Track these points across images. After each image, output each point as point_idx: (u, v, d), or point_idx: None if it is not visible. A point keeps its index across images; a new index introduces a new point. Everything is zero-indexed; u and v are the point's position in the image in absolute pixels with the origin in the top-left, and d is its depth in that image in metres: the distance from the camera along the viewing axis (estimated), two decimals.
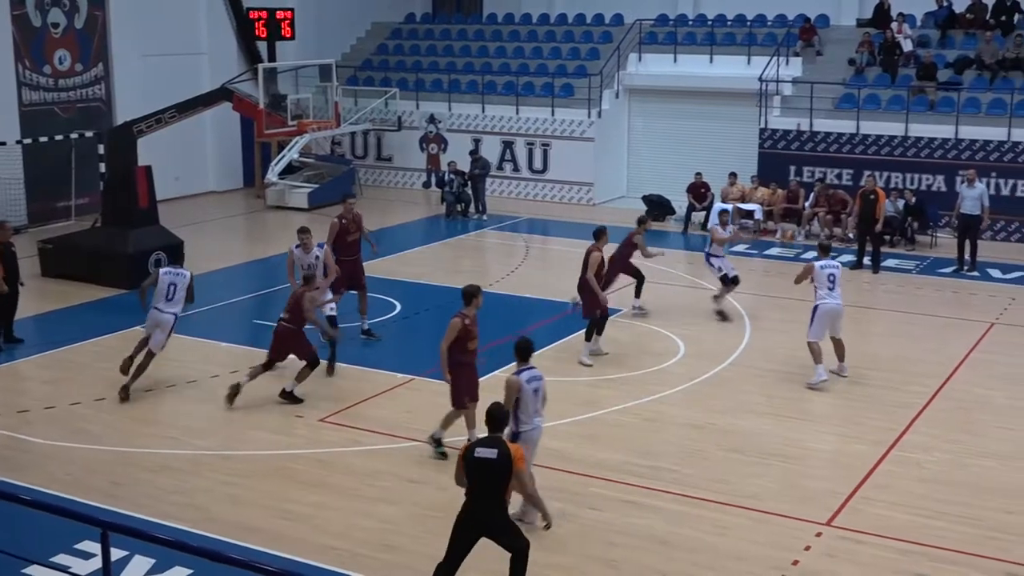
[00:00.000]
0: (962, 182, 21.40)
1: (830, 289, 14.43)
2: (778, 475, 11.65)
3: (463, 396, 11.79)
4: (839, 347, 14.70)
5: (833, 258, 15.01)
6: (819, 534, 10.29)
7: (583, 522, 10.57)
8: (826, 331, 14.51)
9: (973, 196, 20.77)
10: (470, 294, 11.76)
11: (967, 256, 20.78)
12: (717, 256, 17.71)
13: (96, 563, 8.96)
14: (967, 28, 26.48)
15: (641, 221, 17.45)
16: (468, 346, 11.76)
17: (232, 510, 10.83)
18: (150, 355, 14.04)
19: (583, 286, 15.68)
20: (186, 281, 14.25)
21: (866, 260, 20.76)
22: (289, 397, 13.57)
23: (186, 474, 11.70)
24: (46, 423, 13.09)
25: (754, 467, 11.92)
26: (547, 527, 9.57)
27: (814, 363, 14.35)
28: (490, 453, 8.40)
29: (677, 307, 18.24)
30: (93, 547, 9.36)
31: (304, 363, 13.53)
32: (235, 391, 13.52)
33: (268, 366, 13.65)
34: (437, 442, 12.07)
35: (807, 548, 10.02)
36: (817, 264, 14.56)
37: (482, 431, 8.91)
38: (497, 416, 8.80)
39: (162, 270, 14.51)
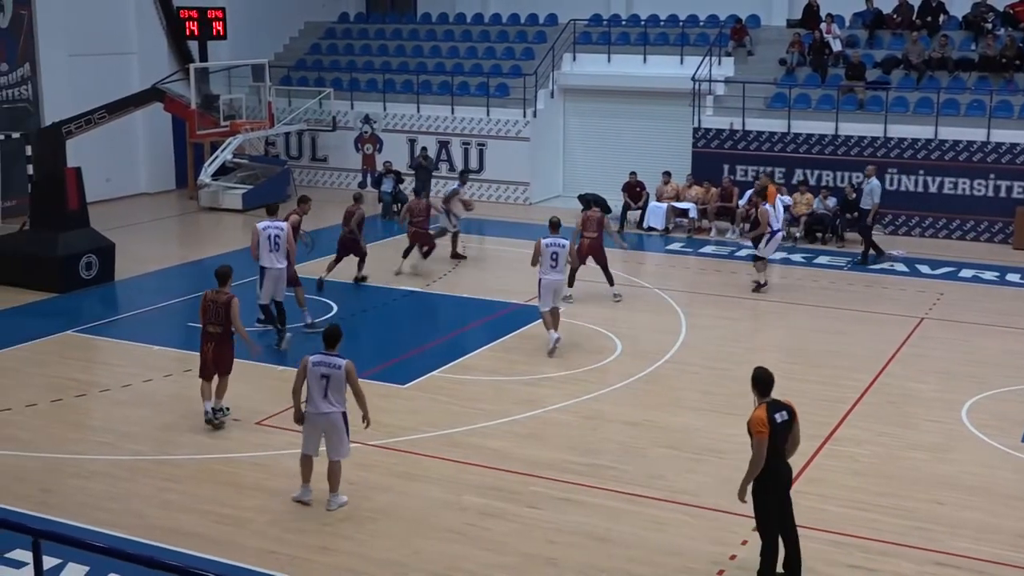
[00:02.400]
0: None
1: (552, 266, 15.53)
2: (714, 471, 11.76)
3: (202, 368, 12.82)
4: (555, 315, 15.75)
5: (560, 237, 15.89)
6: (755, 528, 10.41)
7: (523, 521, 10.60)
8: (551, 302, 15.60)
9: (865, 192, 21.50)
10: (223, 275, 12.78)
11: (871, 249, 21.54)
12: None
13: (28, 572, 8.82)
14: (894, 29, 26.96)
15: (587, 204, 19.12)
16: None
17: (168, 516, 10.69)
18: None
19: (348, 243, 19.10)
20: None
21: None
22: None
23: (121, 480, 11.54)
24: None
25: (691, 463, 12.04)
26: None
27: (546, 329, 15.61)
28: (785, 416, 9.13)
29: (614, 305, 18.35)
30: (25, 556, 9.19)
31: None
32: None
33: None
34: (220, 411, 12.88)
35: (744, 543, 10.13)
36: (543, 241, 15.60)
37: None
38: (765, 379, 9.25)
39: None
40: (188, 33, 28.82)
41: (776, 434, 9.06)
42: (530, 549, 10.06)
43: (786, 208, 23.33)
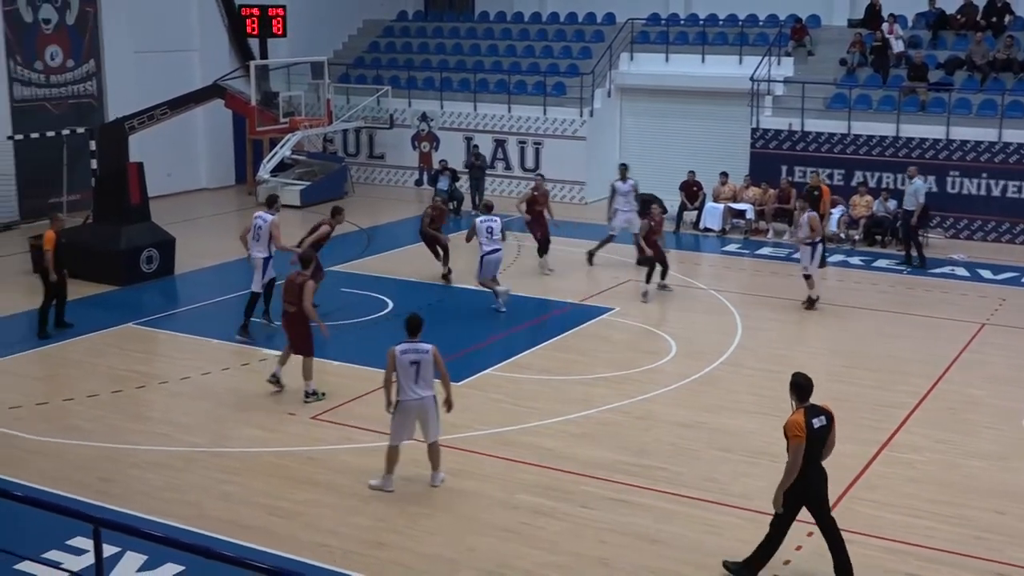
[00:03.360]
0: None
1: (488, 238, 17.44)
2: (768, 474, 11.60)
3: None
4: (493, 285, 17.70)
5: (494, 215, 17.91)
6: (810, 534, 10.28)
7: (575, 520, 10.59)
8: (493, 272, 17.59)
9: (909, 192, 21.29)
10: (307, 260, 14.02)
11: (913, 251, 21.24)
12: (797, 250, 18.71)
13: (88, 559, 8.97)
14: (958, 29, 26.56)
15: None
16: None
17: (224, 507, 10.82)
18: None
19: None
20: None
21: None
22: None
23: (178, 471, 11.70)
24: (37, 419, 13.07)
25: (744, 466, 11.95)
26: None
27: (495, 294, 17.65)
28: (823, 421, 9.13)
29: (670, 306, 18.27)
30: (85, 543, 9.37)
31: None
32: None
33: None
34: (313, 395, 13.66)
35: (798, 548, 10.03)
36: (478, 220, 17.71)
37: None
38: (805, 385, 9.25)
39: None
40: (249, 31, 29.17)
41: (813, 439, 9.05)
42: (582, 549, 10.05)
43: (844, 212, 23.18)
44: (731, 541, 10.19)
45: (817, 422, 9.09)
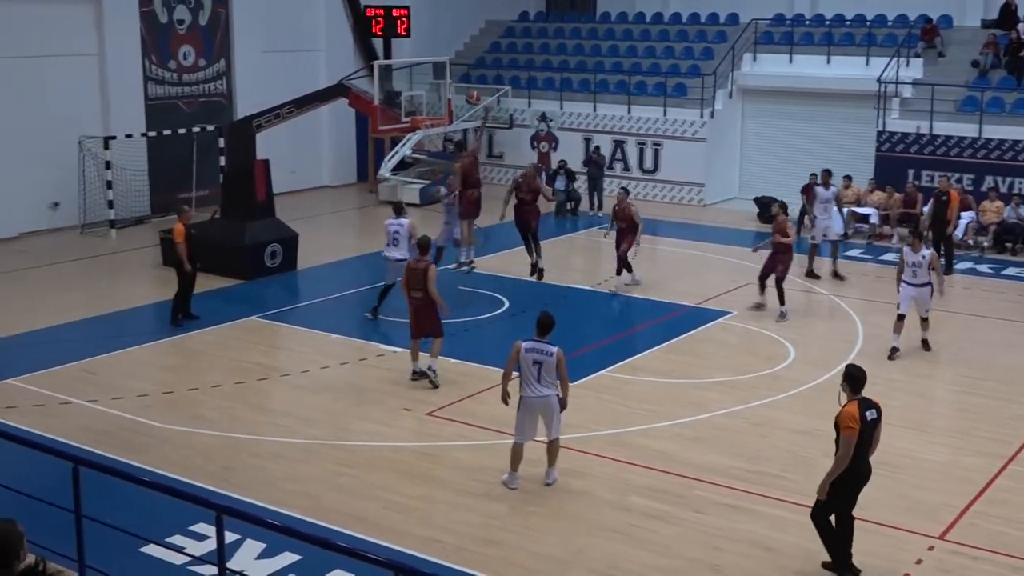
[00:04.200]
0: None
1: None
2: (889, 485, 11.37)
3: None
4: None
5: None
6: (931, 548, 10.06)
7: (687, 525, 10.51)
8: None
9: None
10: (425, 245, 14.32)
11: None
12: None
13: (209, 545, 9.21)
14: None
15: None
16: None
17: (340, 499, 11.02)
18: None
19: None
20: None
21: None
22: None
23: (297, 462, 11.96)
24: (164, 408, 13.51)
25: None
26: None
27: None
28: (874, 414, 9.27)
29: (788, 311, 17.93)
30: (207, 529, 9.64)
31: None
32: None
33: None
34: (430, 371, 14.06)
35: (919, 562, 9.79)
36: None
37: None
38: (859, 376, 9.35)
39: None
40: (373, 31, 29.67)
41: (864, 432, 9.11)
42: (694, 554, 9.96)
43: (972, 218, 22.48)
44: None
45: (870, 415, 9.19)
